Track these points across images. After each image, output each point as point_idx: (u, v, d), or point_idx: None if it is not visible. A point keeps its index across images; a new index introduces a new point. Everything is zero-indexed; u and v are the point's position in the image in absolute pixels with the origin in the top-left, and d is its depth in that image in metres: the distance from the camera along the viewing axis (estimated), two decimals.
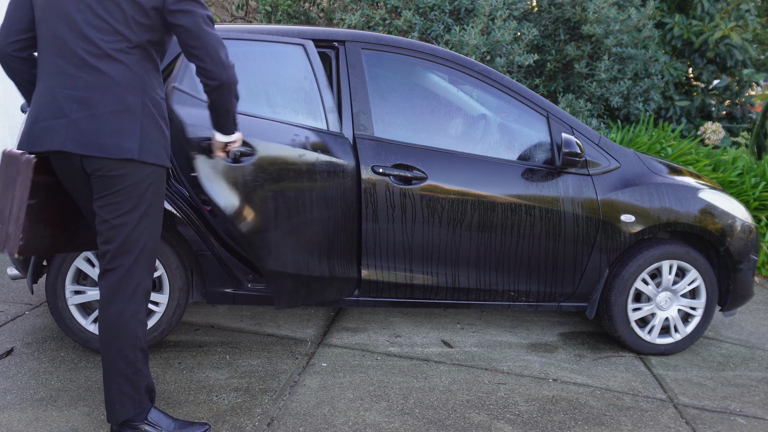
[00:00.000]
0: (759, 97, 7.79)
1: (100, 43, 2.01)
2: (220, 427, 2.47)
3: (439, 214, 3.03)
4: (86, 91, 2.02)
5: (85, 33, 2.01)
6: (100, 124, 2.02)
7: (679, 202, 3.22)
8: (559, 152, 3.10)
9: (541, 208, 3.09)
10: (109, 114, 2.02)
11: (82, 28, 2.01)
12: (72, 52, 2.02)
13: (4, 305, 3.54)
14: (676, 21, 6.84)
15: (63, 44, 2.03)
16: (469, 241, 3.08)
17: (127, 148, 2.03)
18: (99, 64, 2.02)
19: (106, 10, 2.00)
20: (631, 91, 6.20)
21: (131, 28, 2.02)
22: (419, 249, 3.06)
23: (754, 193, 5.20)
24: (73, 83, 2.03)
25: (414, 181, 2.99)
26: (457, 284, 3.14)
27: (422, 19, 5.83)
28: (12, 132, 5.45)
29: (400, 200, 2.99)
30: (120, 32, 2.02)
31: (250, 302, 3.10)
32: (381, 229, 3.01)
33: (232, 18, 8.74)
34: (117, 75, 2.03)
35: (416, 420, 2.60)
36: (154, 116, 2.10)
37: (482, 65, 3.21)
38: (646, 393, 2.98)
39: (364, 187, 2.95)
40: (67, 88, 2.03)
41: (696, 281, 3.31)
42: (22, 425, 2.41)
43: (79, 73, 2.03)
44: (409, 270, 3.09)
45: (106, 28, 2.01)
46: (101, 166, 2.05)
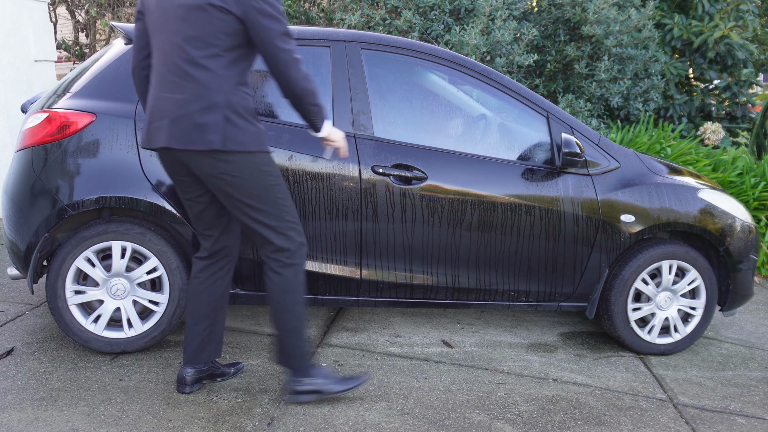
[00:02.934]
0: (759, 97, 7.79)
1: (192, 52, 2.31)
2: (220, 427, 2.47)
3: (438, 214, 3.03)
4: (181, 93, 2.33)
5: (180, 44, 2.32)
6: (190, 122, 2.32)
7: (678, 202, 3.23)
8: (559, 152, 3.11)
9: (540, 208, 3.10)
10: (197, 112, 2.31)
11: (179, 40, 2.32)
12: (171, 60, 2.34)
13: (4, 305, 3.54)
14: (675, 21, 6.84)
15: (165, 55, 2.36)
16: (469, 241, 3.08)
17: (211, 140, 2.31)
18: (191, 70, 2.31)
19: (198, 25, 2.29)
20: (631, 91, 6.21)
21: (218, 39, 2.30)
22: (419, 249, 3.06)
23: (754, 193, 5.20)
24: (172, 87, 2.34)
25: (414, 181, 3.00)
26: (457, 284, 3.14)
27: (422, 19, 5.84)
28: (12, 132, 5.45)
29: (400, 200, 2.99)
30: (208, 42, 2.30)
31: (250, 302, 3.11)
32: (380, 229, 3.02)
33: None
34: (205, 78, 2.31)
35: (416, 420, 2.60)
36: (238, 110, 2.34)
37: (482, 65, 3.22)
38: (646, 393, 2.98)
39: (364, 187, 2.96)
40: (169, 92, 2.35)
41: (696, 281, 3.31)
42: (22, 425, 2.41)
43: (176, 79, 2.33)
44: (409, 270, 3.09)
45: (197, 39, 2.30)
46: (201, 163, 2.35)
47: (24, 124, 2.98)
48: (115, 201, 2.84)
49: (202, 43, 2.30)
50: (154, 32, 2.41)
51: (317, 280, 3.06)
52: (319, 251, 3.02)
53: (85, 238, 2.85)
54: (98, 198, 2.82)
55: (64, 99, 2.92)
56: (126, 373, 2.84)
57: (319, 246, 3.01)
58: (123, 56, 2.96)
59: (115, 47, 3.06)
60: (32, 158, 2.86)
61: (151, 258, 2.91)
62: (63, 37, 8.82)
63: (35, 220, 2.84)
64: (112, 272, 2.91)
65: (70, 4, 8.29)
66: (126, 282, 2.92)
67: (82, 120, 2.84)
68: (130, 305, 2.95)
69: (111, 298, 2.93)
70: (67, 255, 2.85)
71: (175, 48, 2.33)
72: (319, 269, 3.04)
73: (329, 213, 2.98)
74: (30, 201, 2.86)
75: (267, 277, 2.53)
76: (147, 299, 2.96)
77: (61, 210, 2.82)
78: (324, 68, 3.05)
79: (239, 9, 2.27)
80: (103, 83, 2.92)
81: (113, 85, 2.91)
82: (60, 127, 2.83)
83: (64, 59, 8.79)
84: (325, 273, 3.04)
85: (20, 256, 2.93)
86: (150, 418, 2.50)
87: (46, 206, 2.83)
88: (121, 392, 2.68)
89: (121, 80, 2.91)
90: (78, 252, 2.85)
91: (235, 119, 2.34)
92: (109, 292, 2.92)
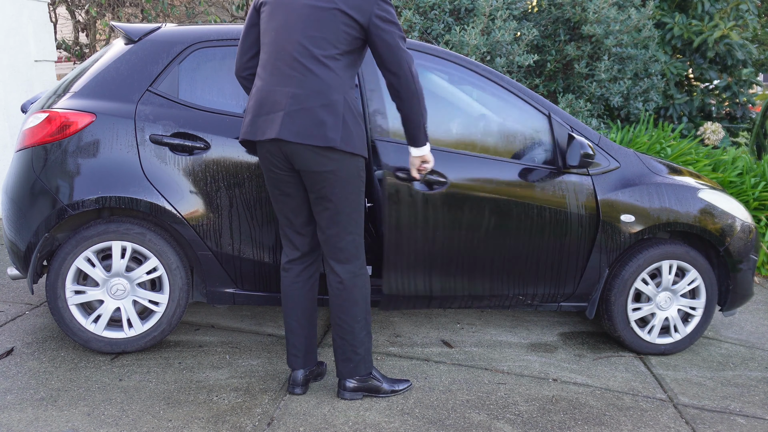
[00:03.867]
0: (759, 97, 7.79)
1: (314, 50, 2.39)
2: (220, 427, 2.47)
3: (459, 219, 2.98)
4: (299, 88, 2.39)
5: (302, 42, 2.40)
6: (309, 116, 2.38)
7: (678, 202, 3.22)
8: (560, 152, 3.10)
9: (542, 208, 3.09)
10: (317, 108, 2.37)
11: (301, 38, 2.40)
12: (290, 56, 2.41)
13: (4, 305, 3.55)
14: (675, 21, 6.84)
15: (282, 50, 2.42)
16: (486, 245, 3.04)
17: (331, 137, 2.37)
18: (312, 66, 2.39)
19: (322, 26, 2.39)
20: (631, 91, 6.20)
21: (340, 40, 2.40)
22: (440, 255, 3.00)
23: (754, 193, 5.20)
24: (288, 82, 2.40)
25: (435, 186, 2.95)
26: (472, 291, 3.12)
27: (422, 19, 5.84)
28: (12, 132, 5.45)
29: (422, 205, 2.92)
30: (331, 42, 2.39)
31: (250, 302, 3.11)
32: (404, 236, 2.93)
33: (232, 18, 8.74)
34: (325, 76, 2.39)
35: (416, 420, 2.60)
36: (352, 112, 2.43)
37: (483, 65, 3.21)
38: (646, 393, 2.98)
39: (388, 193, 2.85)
40: (284, 85, 2.40)
41: (696, 281, 3.31)
42: (22, 425, 2.41)
43: (294, 74, 2.40)
44: (428, 276, 3.05)
45: (320, 39, 2.39)
46: (308, 160, 2.41)
47: (24, 124, 2.98)
48: (115, 201, 2.84)
49: (325, 43, 2.39)
50: (270, 28, 2.47)
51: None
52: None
53: (85, 238, 2.85)
54: (98, 198, 2.82)
55: (64, 99, 2.92)
56: (126, 373, 2.85)
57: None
58: (123, 56, 2.96)
59: (115, 47, 3.06)
60: (32, 158, 2.86)
61: (151, 258, 2.91)
62: (63, 37, 8.82)
63: (35, 220, 2.84)
64: (112, 272, 2.91)
65: (70, 4, 8.29)
66: (126, 282, 2.92)
67: (82, 120, 2.84)
68: (130, 305, 2.95)
69: (111, 298, 2.93)
70: (67, 255, 2.85)
71: (295, 44, 2.40)
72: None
73: None
74: (30, 201, 2.86)
75: (332, 285, 2.58)
76: (147, 299, 2.96)
77: (61, 210, 2.82)
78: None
79: (363, 18, 2.38)
80: (103, 83, 2.92)
81: (113, 85, 2.91)
82: (60, 127, 2.83)
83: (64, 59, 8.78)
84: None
85: (20, 256, 2.93)
86: (150, 418, 2.50)
87: (46, 206, 2.83)
88: (121, 392, 2.68)
89: (121, 80, 2.91)
90: (78, 252, 2.85)
91: (350, 120, 2.41)
92: (109, 292, 2.92)
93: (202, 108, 2.93)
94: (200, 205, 2.92)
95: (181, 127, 2.89)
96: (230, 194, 2.92)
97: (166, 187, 2.87)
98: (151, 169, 2.87)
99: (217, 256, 2.97)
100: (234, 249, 2.98)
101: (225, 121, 2.92)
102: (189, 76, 2.96)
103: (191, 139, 2.89)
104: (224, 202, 2.93)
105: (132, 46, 2.97)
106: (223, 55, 3.00)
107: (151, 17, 7.91)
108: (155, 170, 2.87)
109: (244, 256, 3.00)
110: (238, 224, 2.95)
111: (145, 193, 2.85)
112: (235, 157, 2.91)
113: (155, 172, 2.87)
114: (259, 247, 2.99)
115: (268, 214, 2.96)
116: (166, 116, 2.89)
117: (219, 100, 2.97)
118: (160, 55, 2.95)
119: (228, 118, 2.93)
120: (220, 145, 2.90)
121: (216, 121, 2.92)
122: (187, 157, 2.89)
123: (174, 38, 2.99)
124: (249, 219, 2.95)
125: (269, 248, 3.00)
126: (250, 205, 2.94)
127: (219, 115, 2.93)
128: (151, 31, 3.02)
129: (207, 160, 2.90)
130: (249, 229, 2.97)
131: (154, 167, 2.87)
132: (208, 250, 2.96)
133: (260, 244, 2.99)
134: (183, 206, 2.89)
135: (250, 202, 2.94)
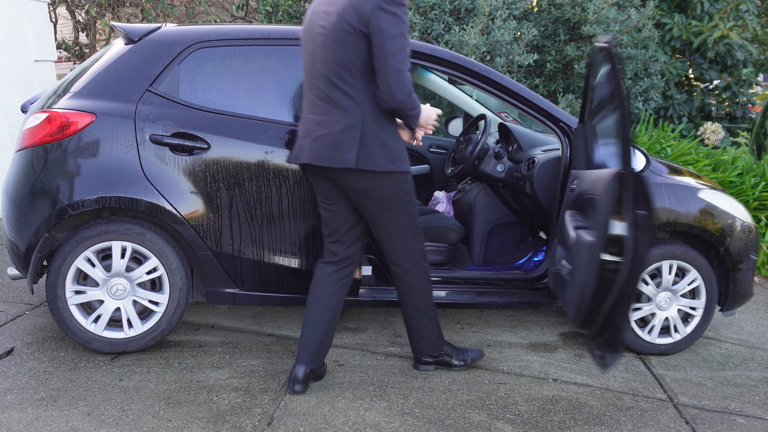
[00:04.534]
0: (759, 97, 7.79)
1: (331, 76, 2.50)
2: (220, 427, 2.47)
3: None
4: (322, 115, 2.54)
5: (322, 70, 2.52)
6: (329, 141, 2.52)
7: (678, 202, 3.22)
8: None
9: None
10: (336, 132, 2.51)
11: (320, 66, 2.53)
12: (315, 85, 2.56)
13: (4, 305, 3.55)
14: (675, 21, 6.84)
15: (311, 80, 2.59)
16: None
17: (347, 158, 2.49)
18: (331, 93, 2.51)
19: (336, 48, 2.47)
20: (630, 91, 6.20)
21: (353, 59, 2.46)
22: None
23: (754, 193, 5.20)
24: (315, 109, 2.57)
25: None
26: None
27: (422, 19, 5.84)
28: (12, 132, 5.45)
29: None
30: (346, 64, 2.47)
31: (250, 302, 3.11)
32: None
33: (232, 18, 8.74)
34: (343, 101, 2.50)
35: (416, 420, 2.60)
36: (374, 133, 2.51)
37: (483, 66, 3.21)
38: (646, 393, 2.98)
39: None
40: (312, 113, 2.58)
41: (696, 281, 3.31)
42: (22, 425, 2.41)
43: (319, 102, 2.55)
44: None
45: (336, 63, 2.49)
46: (345, 180, 2.56)
47: (24, 124, 2.98)
48: (115, 201, 2.83)
49: (340, 66, 2.48)
50: (303, 58, 2.65)
51: None
52: (320, 252, 3.02)
53: (85, 238, 2.85)
54: (98, 198, 2.82)
55: (64, 99, 2.92)
56: (126, 373, 2.85)
57: (320, 246, 3.01)
58: (123, 56, 2.96)
59: (115, 47, 3.06)
60: (32, 158, 2.86)
61: (151, 258, 2.91)
62: (63, 37, 8.81)
63: (35, 220, 2.84)
64: (112, 272, 2.91)
65: (70, 4, 8.29)
66: (126, 282, 2.92)
67: (82, 120, 2.84)
68: (130, 305, 2.95)
69: (111, 298, 2.93)
70: (67, 255, 2.85)
71: (318, 72, 2.54)
72: None
73: None
74: (30, 201, 2.86)
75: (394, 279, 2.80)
76: (147, 299, 2.96)
77: (61, 210, 2.82)
78: None
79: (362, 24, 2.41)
80: (103, 83, 2.92)
81: (113, 85, 2.91)
82: (60, 127, 2.83)
83: (64, 59, 8.78)
84: None
85: (20, 256, 2.93)
86: (150, 418, 2.50)
87: (46, 206, 2.83)
88: (121, 392, 2.68)
89: (121, 80, 2.91)
90: (78, 252, 2.85)
91: (371, 140, 2.50)
92: (109, 292, 2.92)
93: (202, 108, 2.93)
94: (200, 205, 2.92)
95: (181, 127, 2.89)
96: (230, 194, 2.92)
97: (166, 187, 2.87)
98: (151, 169, 2.87)
99: (217, 256, 2.97)
100: (234, 249, 2.98)
101: (225, 121, 2.92)
102: (189, 76, 2.96)
103: (191, 139, 2.89)
104: (224, 202, 2.93)
105: (132, 46, 2.97)
106: (223, 55, 3.00)
107: (151, 17, 7.91)
108: (155, 170, 2.87)
109: (244, 256, 3.00)
110: (238, 224, 2.95)
111: (145, 193, 2.85)
112: (235, 157, 2.91)
113: (155, 172, 2.87)
114: (259, 247, 2.99)
115: (269, 214, 2.96)
116: (166, 116, 2.89)
117: (219, 100, 2.97)
118: (160, 55, 2.95)
119: (228, 118, 2.93)
120: (220, 145, 2.90)
121: (216, 121, 2.92)
122: (187, 157, 2.89)
123: (174, 38, 2.99)
124: (249, 219, 2.95)
125: (269, 248, 3.00)
126: (250, 205, 2.94)
127: (219, 115, 2.93)
128: (151, 31, 3.02)
129: (207, 160, 2.90)
130: (249, 229, 2.96)
131: (154, 167, 2.87)
132: (208, 250, 2.96)
133: (260, 244, 2.99)
134: (183, 206, 2.89)
135: (250, 202, 2.94)
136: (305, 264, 3.05)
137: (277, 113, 2.98)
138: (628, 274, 2.42)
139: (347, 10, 2.42)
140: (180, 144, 2.88)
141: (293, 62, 3.01)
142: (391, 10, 2.39)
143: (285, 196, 2.95)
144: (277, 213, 2.96)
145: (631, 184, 2.40)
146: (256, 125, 2.94)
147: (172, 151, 2.88)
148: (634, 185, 2.40)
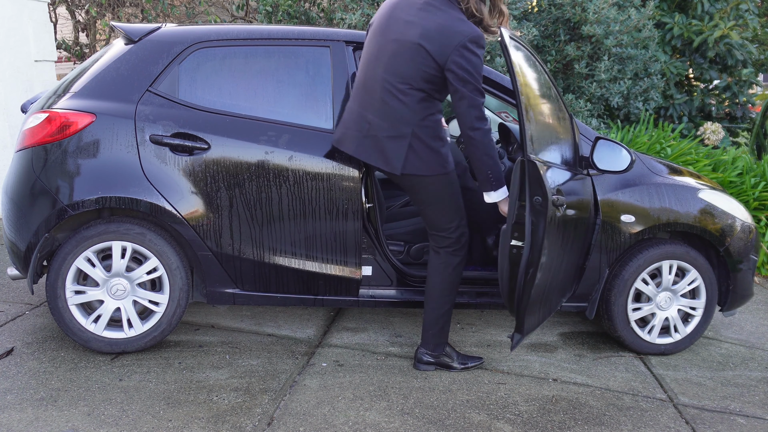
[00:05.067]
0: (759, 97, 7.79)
1: (394, 83, 2.64)
2: (220, 427, 2.47)
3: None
4: (375, 115, 2.69)
5: (384, 75, 2.66)
6: (377, 143, 2.70)
7: (679, 203, 3.22)
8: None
9: None
10: (384, 138, 2.68)
11: (383, 71, 2.67)
12: (373, 86, 2.69)
13: (4, 305, 3.55)
14: (675, 21, 6.84)
15: (370, 78, 2.71)
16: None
17: (392, 165, 2.69)
18: (387, 98, 2.65)
19: (403, 60, 2.62)
20: (630, 91, 6.20)
21: (416, 76, 2.62)
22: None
23: (754, 193, 5.20)
24: (369, 108, 2.70)
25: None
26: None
27: None
28: (12, 132, 5.45)
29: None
30: (408, 76, 2.62)
31: (250, 302, 3.11)
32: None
33: (232, 18, 8.74)
34: (397, 108, 2.64)
35: (416, 420, 2.60)
36: (423, 141, 2.67)
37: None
38: (646, 393, 2.98)
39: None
40: (365, 110, 2.71)
41: (696, 281, 3.31)
42: (22, 425, 2.41)
43: (374, 103, 2.69)
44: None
45: (399, 73, 2.63)
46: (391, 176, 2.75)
47: (24, 124, 2.98)
48: (115, 201, 2.84)
49: (401, 77, 2.62)
50: (366, 52, 2.76)
51: (317, 280, 3.06)
52: (319, 251, 3.02)
53: (85, 238, 2.85)
54: (98, 198, 2.82)
55: (64, 99, 2.92)
56: (126, 373, 2.85)
57: (319, 246, 3.01)
58: (123, 56, 2.96)
59: (115, 47, 3.06)
60: (32, 158, 2.86)
61: (152, 258, 2.91)
62: (63, 37, 8.82)
63: (35, 220, 2.84)
64: (112, 272, 2.91)
65: (70, 4, 8.29)
66: (126, 282, 2.92)
67: (82, 120, 2.84)
68: (130, 305, 2.95)
69: (111, 298, 2.93)
70: (67, 255, 2.85)
71: (379, 76, 2.66)
72: (319, 269, 3.04)
73: (329, 213, 2.97)
74: (30, 201, 2.86)
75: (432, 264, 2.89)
76: (147, 299, 2.96)
77: (61, 210, 2.82)
78: (324, 68, 3.04)
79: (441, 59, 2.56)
80: (103, 83, 2.92)
81: (113, 85, 2.91)
82: (60, 128, 2.83)
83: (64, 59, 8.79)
84: (325, 273, 3.04)
85: (20, 256, 2.93)
86: (150, 418, 2.50)
87: (46, 206, 2.83)
88: (121, 392, 2.68)
89: (121, 80, 2.91)
90: (78, 252, 2.86)
91: (419, 148, 2.66)
92: (109, 292, 2.92)
93: (202, 108, 2.94)
94: (200, 205, 2.92)
95: (181, 128, 2.89)
96: (230, 194, 2.92)
97: (166, 188, 2.87)
98: (151, 170, 2.87)
99: (217, 256, 2.98)
100: (234, 249, 2.98)
101: (225, 122, 2.92)
102: (189, 76, 2.96)
103: (191, 139, 2.89)
104: (224, 203, 2.93)
105: (132, 47, 2.97)
106: (223, 55, 3.00)
107: (151, 17, 7.91)
108: (155, 170, 2.87)
109: (244, 257, 3.00)
110: (238, 224, 2.95)
111: (145, 193, 2.85)
112: (235, 157, 2.91)
113: (155, 172, 2.87)
114: (259, 248, 2.99)
115: (269, 214, 2.96)
116: (166, 116, 2.89)
117: (219, 101, 2.97)
118: (161, 55, 2.95)
119: (228, 118, 2.93)
120: (220, 146, 2.90)
121: (216, 121, 2.92)
122: (187, 158, 2.89)
123: (174, 38, 2.99)
124: (249, 219, 2.95)
125: (269, 248, 3.00)
126: (250, 205, 2.94)
127: (219, 116, 2.93)
128: (152, 31, 3.02)
129: (207, 161, 2.90)
130: (249, 230, 2.97)
131: (154, 167, 2.87)
132: (208, 250, 2.96)
133: (260, 244, 2.99)
134: (183, 206, 2.90)
135: (250, 202, 2.94)
136: (305, 264, 3.04)
137: (277, 113, 2.99)
138: (527, 258, 2.56)
139: (431, 35, 2.56)
140: (180, 144, 2.88)
141: (293, 62, 3.02)
142: (474, 50, 2.56)
143: (285, 197, 2.95)
144: (277, 213, 2.96)
145: (527, 171, 2.53)
146: (256, 125, 2.94)
147: (172, 151, 2.88)
148: (530, 172, 2.52)
